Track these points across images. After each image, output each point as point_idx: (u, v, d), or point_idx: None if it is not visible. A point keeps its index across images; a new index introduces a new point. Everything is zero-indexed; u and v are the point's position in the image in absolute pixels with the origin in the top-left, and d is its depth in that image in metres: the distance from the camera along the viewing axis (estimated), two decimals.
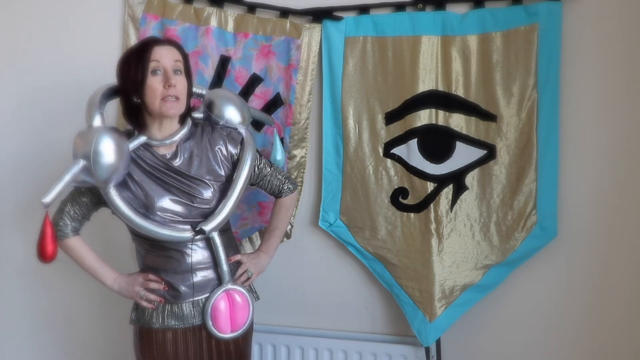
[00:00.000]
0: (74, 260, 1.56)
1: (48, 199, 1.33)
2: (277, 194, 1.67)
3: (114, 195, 1.42)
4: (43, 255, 1.39)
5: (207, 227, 1.45)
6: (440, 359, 1.89)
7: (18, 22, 2.10)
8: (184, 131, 1.49)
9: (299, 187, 1.92)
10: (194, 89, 1.59)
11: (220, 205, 1.48)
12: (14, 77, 2.12)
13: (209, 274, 1.52)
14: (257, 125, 1.90)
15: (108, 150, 1.36)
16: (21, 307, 2.22)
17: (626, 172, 1.75)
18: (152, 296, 1.50)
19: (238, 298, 1.53)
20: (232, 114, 1.57)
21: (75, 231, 1.55)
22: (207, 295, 1.51)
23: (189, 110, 1.51)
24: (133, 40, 1.98)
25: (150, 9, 1.96)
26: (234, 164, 1.52)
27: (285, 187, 1.66)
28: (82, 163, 1.36)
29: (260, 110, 1.85)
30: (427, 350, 1.86)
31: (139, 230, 1.44)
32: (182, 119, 1.50)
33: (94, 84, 2.01)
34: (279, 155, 1.81)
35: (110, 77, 2.01)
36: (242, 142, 1.54)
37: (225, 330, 1.52)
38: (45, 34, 2.08)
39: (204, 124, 1.56)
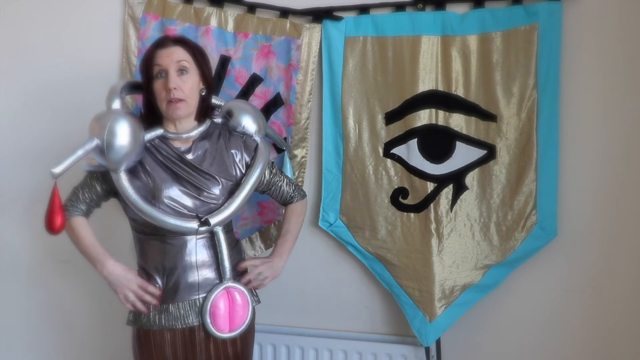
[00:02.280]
0: (72, 239, 1.53)
1: (58, 169, 1.34)
2: (289, 201, 1.69)
3: (124, 179, 1.44)
4: (51, 227, 1.38)
5: (213, 219, 1.46)
6: (440, 359, 1.89)
7: (18, 21, 2.10)
8: (202, 129, 1.53)
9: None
10: (213, 101, 1.63)
11: (227, 202, 1.50)
12: (15, 77, 2.12)
13: (208, 272, 1.51)
14: None
15: (122, 132, 1.39)
16: (19, 307, 2.22)
17: (626, 172, 1.75)
18: (139, 304, 1.47)
19: (238, 297, 1.52)
20: (248, 125, 1.61)
21: (82, 212, 1.53)
22: (204, 295, 1.50)
23: (206, 108, 1.54)
24: (133, 40, 1.98)
25: (150, 9, 1.96)
26: (246, 169, 1.56)
27: (296, 194, 1.69)
28: (95, 141, 1.38)
29: (274, 131, 1.87)
30: (427, 350, 1.86)
31: (144, 217, 1.44)
32: (200, 117, 1.53)
33: (94, 83, 2.03)
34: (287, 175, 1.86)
35: (110, 77, 2.03)
36: (256, 149, 1.58)
37: (223, 330, 1.50)
38: (45, 33, 2.08)
39: (222, 127, 1.59)
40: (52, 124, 2.09)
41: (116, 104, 1.46)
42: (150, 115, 1.52)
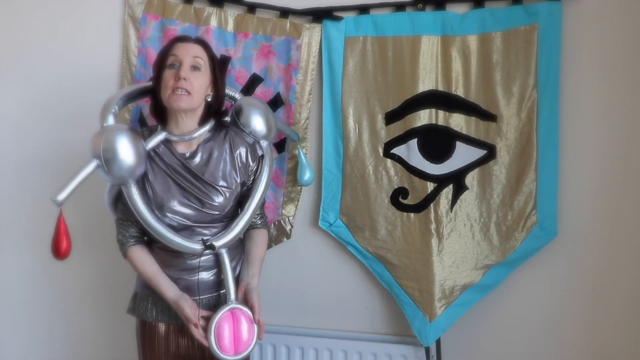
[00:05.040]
0: (136, 271, 1.53)
1: (62, 196, 1.33)
2: (255, 224, 1.63)
3: (135, 193, 1.43)
4: (57, 252, 1.41)
5: (218, 243, 1.47)
6: (440, 359, 1.89)
7: (17, 22, 2.10)
8: (205, 129, 1.49)
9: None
10: (227, 91, 1.60)
11: (234, 223, 1.50)
12: (13, 77, 2.12)
13: (208, 275, 1.52)
14: None
15: (119, 147, 1.36)
16: (22, 298, 2.23)
17: (626, 172, 1.75)
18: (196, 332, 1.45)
19: (243, 319, 1.45)
20: (257, 124, 1.55)
21: (135, 239, 1.52)
22: (201, 297, 1.51)
23: (210, 110, 1.51)
24: (133, 41, 1.98)
25: (150, 9, 1.96)
26: (249, 174, 1.54)
27: (262, 221, 1.64)
28: (95, 162, 1.37)
29: (286, 125, 1.86)
30: (427, 350, 1.86)
31: (151, 232, 1.44)
32: (204, 119, 1.50)
33: (93, 83, 2.03)
34: (307, 173, 1.83)
35: (109, 77, 2.03)
36: (261, 158, 1.55)
37: (228, 352, 1.43)
38: (44, 34, 2.08)
39: (228, 126, 1.56)
40: (51, 125, 2.09)
41: (110, 121, 1.43)
42: (156, 112, 1.51)
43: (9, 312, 2.23)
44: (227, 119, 1.59)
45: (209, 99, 1.49)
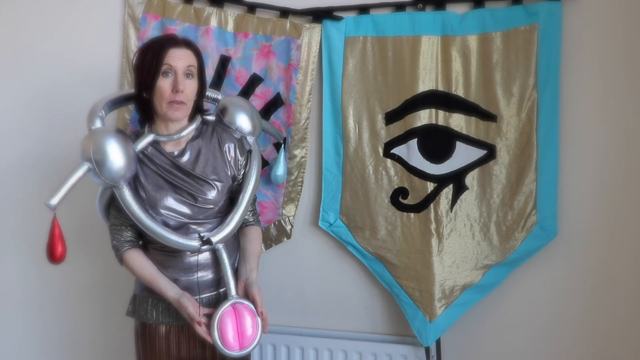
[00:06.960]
0: (135, 275, 1.54)
1: (54, 200, 1.34)
2: (248, 222, 1.63)
3: (128, 195, 1.43)
4: (52, 257, 1.41)
5: (215, 238, 1.47)
6: (440, 359, 1.89)
7: (16, 21, 2.09)
8: (192, 127, 1.50)
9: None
10: (208, 93, 1.65)
11: (229, 218, 1.50)
12: (11, 78, 2.11)
13: (208, 274, 1.53)
14: None
15: (109, 148, 1.38)
16: (17, 302, 2.23)
17: (626, 172, 1.75)
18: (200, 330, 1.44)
19: (246, 314, 1.45)
20: (243, 122, 1.59)
21: (130, 243, 1.52)
22: (201, 296, 1.51)
23: (197, 109, 1.53)
24: (133, 40, 1.98)
25: (150, 8, 1.96)
26: (238, 168, 1.55)
27: (255, 218, 1.65)
28: (86, 165, 1.38)
29: (271, 124, 1.87)
30: (427, 350, 1.86)
31: (147, 232, 1.45)
32: (191, 117, 1.51)
33: (93, 84, 2.03)
34: (280, 170, 1.85)
35: (109, 77, 2.02)
36: (249, 153, 1.57)
37: (233, 347, 1.43)
38: (43, 33, 2.08)
39: (215, 124, 1.58)
40: (51, 125, 2.09)
41: (97, 124, 1.45)
42: (142, 112, 1.50)
43: (3, 315, 2.23)
44: (211, 118, 1.60)
45: (195, 97, 1.50)
